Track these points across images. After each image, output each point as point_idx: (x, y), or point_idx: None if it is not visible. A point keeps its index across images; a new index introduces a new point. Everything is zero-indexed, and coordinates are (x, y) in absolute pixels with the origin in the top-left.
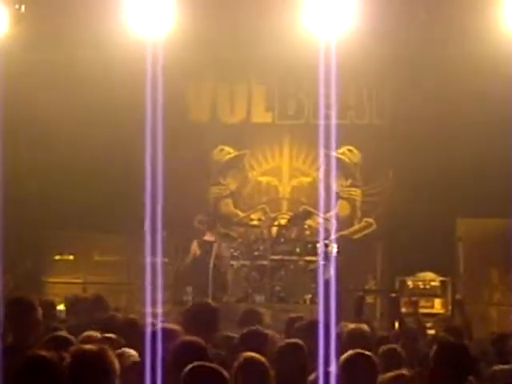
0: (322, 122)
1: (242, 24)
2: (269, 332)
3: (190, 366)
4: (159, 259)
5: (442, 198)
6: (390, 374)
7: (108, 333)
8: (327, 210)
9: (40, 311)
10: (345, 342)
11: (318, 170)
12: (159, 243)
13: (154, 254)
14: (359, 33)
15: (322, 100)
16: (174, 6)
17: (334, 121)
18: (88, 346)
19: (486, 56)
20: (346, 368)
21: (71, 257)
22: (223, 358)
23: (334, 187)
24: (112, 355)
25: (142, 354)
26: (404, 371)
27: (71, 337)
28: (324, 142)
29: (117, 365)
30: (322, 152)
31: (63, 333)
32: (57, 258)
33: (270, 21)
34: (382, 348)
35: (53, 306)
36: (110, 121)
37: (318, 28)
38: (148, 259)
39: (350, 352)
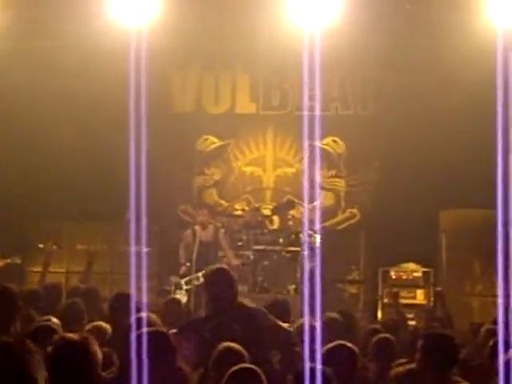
0: (305, 113)
1: (227, 14)
2: None
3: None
4: (143, 248)
5: (426, 189)
6: (402, 368)
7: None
8: (311, 200)
9: (20, 301)
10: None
11: (301, 160)
12: (143, 232)
13: (137, 243)
14: (343, 24)
15: (306, 91)
16: None
17: (317, 112)
18: (70, 336)
19: (472, 48)
20: (327, 358)
21: (54, 246)
22: None
23: (318, 178)
24: (95, 345)
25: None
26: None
27: (57, 326)
28: (308, 133)
29: (99, 355)
30: (305, 142)
31: (50, 323)
32: (40, 246)
33: (254, 11)
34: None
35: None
36: (93, 109)
37: (302, 19)
38: (131, 248)
39: (332, 343)
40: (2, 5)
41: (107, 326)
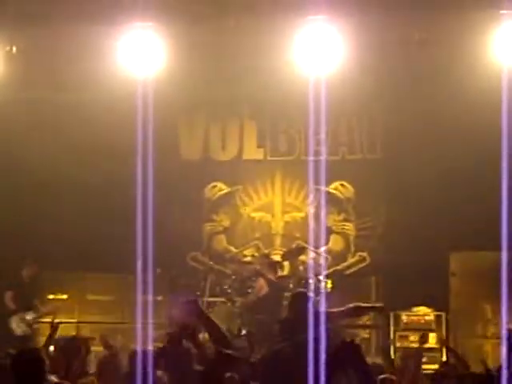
0: (313, 158)
1: (232, 61)
2: None
3: None
4: (151, 297)
5: (436, 232)
6: None
7: None
8: (320, 245)
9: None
10: None
11: (310, 205)
12: (152, 282)
13: (147, 292)
14: (349, 68)
15: (313, 136)
16: (164, 45)
17: (324, 157)
18: None
19: (479, 87)
20: None
21: (64, 296)
22: None
23: (327, 222)
24: None
25: None
26: None
27: None
28: (316, 178)
29: None
30: (313, 187)
31: None
32: (50, 297)
33: (259, 58)
34: None
35: None
36: (101, 159)
37: (308, 64)
38: (141, 298)
39: None
40: (4, 56)
41: None
